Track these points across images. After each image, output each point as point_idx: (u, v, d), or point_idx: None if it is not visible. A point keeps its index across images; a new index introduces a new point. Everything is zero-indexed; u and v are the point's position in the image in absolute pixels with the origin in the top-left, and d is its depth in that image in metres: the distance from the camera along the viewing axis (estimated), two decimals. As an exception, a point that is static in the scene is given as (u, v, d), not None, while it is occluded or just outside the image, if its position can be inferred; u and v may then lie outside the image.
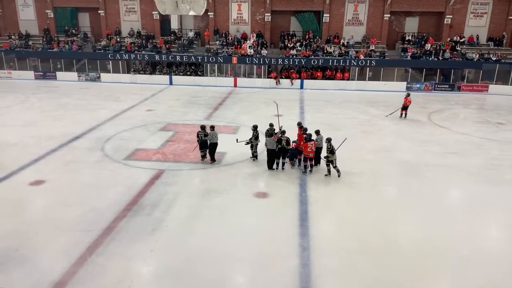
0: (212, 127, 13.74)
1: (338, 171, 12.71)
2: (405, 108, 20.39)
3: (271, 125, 13.66)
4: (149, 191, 11.64)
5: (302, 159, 13.05)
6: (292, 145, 13.30)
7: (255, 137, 13.74)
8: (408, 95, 20.63)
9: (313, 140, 12.76)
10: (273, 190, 11.90)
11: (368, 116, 21.00)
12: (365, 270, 8.24)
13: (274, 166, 13.23)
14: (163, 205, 10.78)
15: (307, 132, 12.94)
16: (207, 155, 13.85)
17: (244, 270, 8.38)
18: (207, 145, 13.64)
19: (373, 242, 9.22)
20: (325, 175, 12.79)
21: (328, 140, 12.50)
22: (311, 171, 13.05)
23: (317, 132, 13.42)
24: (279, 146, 12.74)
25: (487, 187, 12.40)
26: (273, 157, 13.17)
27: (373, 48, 30.26)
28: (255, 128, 13.81)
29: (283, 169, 13.12)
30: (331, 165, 12.69)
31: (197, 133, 13.71)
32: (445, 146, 16.19)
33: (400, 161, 14.41)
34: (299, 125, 14.23)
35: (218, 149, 13.93)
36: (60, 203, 10.85)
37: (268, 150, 13.18)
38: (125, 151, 14.97)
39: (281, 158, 13.13)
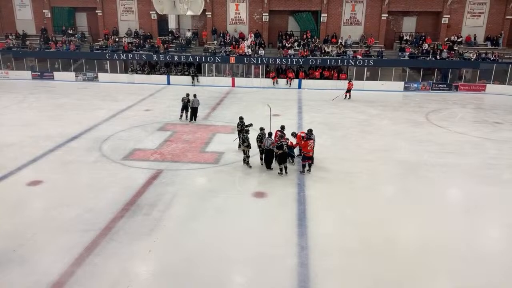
0: (194, 95, 18.82)
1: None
2: (348, 91, 25.32)
3: (261, 129, 13.59)
4: (147, 191, 11.62)
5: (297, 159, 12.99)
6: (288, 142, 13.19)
7: (242, 129, 14.23)
8: (350, 80, 26.34)
9: (312, 139, 12.75)
10: (271, 189, 11.89)
11: (366, 116, 21.01)
12: (364, 270, 8.24)
13: (273, 166, 13.22)
14: (161, 205, 10.76)
15: (284, 131, 13.55)
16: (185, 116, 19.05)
17: (242, 269, 8.37)
18: (187, 109, 18.77)
19: (372, 241, 9.22)
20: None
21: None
22: (309, 170, 13.05)
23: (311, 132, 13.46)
24: (281, 151, 12.64)
25: (486, 187, 12.42)
26: (271, 157, 13.15)
27: (368, 49, 30.27)
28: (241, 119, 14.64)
29: (286, 173, 12.89)
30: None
31: (182, 98, 18.97)
32: (443, 145, 16.22)
33: (398, 161, 14.42)
34: (293, 135, 14.04)
35: (216, 149, 15.16)
36: (58, 203, 10.81)
37: (265, 150, 13.17)
38: (123, 151, 14.94)
39: (283, 163, 12.92)
